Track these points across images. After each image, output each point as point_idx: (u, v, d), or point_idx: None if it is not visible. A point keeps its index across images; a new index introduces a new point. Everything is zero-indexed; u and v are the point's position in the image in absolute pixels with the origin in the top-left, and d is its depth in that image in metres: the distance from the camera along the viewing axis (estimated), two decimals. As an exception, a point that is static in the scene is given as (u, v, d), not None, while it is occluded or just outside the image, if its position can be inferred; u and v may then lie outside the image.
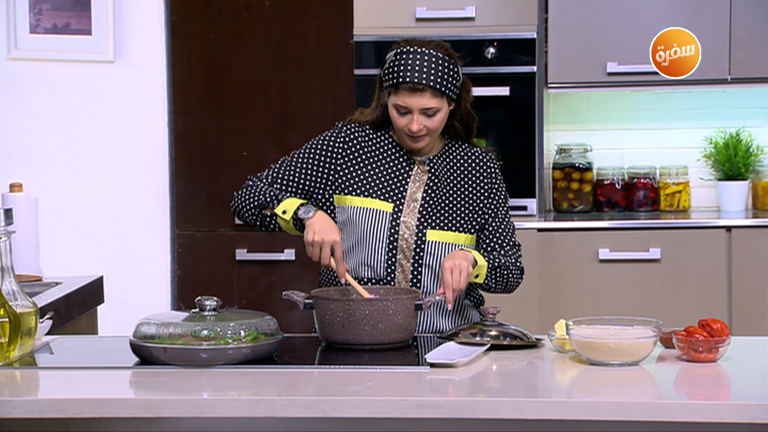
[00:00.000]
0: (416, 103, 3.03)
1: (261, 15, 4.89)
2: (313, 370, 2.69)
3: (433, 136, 3.11)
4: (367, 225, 3.09)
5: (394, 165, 3.14)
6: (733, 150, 4.99)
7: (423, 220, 3.09)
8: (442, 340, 2.85)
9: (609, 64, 4.79)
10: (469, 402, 2.42)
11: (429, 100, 3.03)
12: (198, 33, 4.90)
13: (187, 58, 4.91)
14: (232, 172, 4.92)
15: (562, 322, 2.77)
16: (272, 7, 4.88)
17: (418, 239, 3.08)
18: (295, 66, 4.89)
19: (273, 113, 4.91)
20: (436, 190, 3.13)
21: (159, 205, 4.94)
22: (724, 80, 4.76)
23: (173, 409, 2.41)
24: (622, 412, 2.35)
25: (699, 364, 2.65)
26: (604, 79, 4.80)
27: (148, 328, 2.69)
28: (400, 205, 3.10)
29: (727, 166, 4.99)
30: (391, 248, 3.08)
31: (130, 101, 4.93)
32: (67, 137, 4.93)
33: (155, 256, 4.92)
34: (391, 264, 3.08)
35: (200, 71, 4.92)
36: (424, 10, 4.77)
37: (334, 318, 2.83)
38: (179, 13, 4.90)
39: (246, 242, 4.91)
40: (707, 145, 5.08)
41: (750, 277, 4.64)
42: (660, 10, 4.77)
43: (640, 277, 4.69)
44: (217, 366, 2.64)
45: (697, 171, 5.11)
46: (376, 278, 3.09)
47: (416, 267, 3.08)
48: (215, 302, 2.74)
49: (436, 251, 3.08)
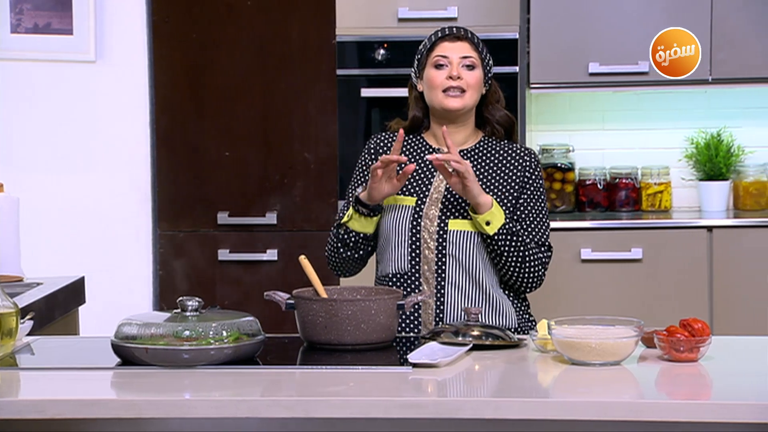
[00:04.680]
0: (456, 50, 3.14)
1: (243, 15, 4.88)
2: (295, 371, 2.69)
3: (471, 97, 3.13)
4: (391, 221, 3.13)
5: (423, 162, 3.18)
6: (714, 150, 5.01)
7: (445, 210, 3.12)
8: (425, 340, 2.86)
9: (591, 65, 4.80)
10: (451, 402, 2.42)
11: (468, 49, 3.14)
12: (180, 33, 4.90)
13: (169, 58, 4.91)
14: (214, 173, 4.91)
15: (544, 322, 2.78)
16: (254, 8, 4.88)
17: (440, 229, 3.10)
18: (278, 66, 4.88)
19: (255, 113, 4.91)
20: None
21: (141, 206, 4.93)
22: (705, 81, 4.78)
23: (155, 410, 2.41)
24: (603, 412, 2.35)
25: (680, 363, 2.66)
26: (586, 80, 4.81)
27: (129, 328, 2.69)
28: (423, 198, 3.13)
29: (708, 166, 5.01)
30: (414, 240, 3.11)
31: (111, 101, 4.92)
32: (49, 137, 4.92)
33: (137, 256, 4.92)
34: (415, 256, 3.11)
35: (182, 71, 4.91)
36: (407, 10, 4.78)
37: (317, 318, 2.82)
38: (161, 13, 4.90)
39: (228, 242, 4.91)
40: (688, 146, 5.10)
41: (731, 277, 4.66)
42: (641, 11, 4.78)
43: (622, 277, 4.70)
44: (199, 366, 2.64)
45: (678, 171, 5.12)
46: (401, 273, 3.11)
47: (440, 258, 3.10)
48: (197, 303, 2.74)
49: (457, 240, 3.10)
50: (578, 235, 4.72)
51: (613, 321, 2.75)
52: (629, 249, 4.68)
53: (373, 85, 4.82)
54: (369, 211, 3.11)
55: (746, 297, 4.65)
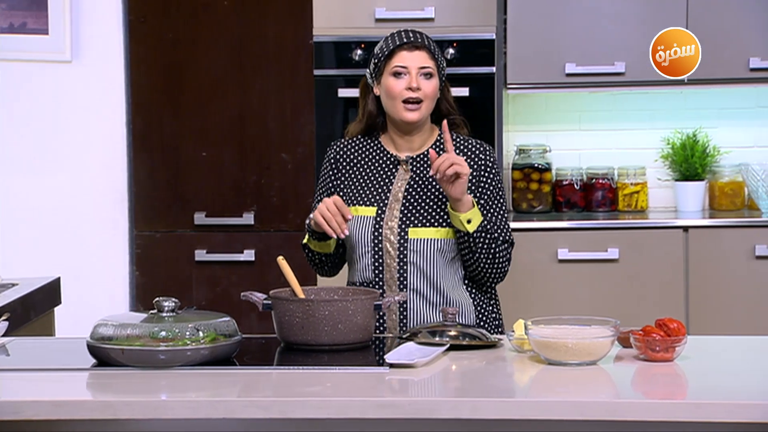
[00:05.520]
0: (415, 61, 3.13)
1: (220, 15, 4.87)
2: (272, 371, 2.69)
3: (427, 108, 3.14)
4: (353, 232, 3.14)
5: (380, 168, 3.20)
6: (690, 151, 5.03)
7: (405, 219, 3.13)
8: (402, 341, 2.86)
9: (567, 65, 4.81)
10: (428, 402, 2.43)
11: (426, 59, 3.14)
12: (156, 33, 4.88)
13: (146, 57, 4.89)
14: (190, 173, 4.90)
15: (521, 322, 2.79)
16: (231, 7, 4.87)
17: (401, 238, 3.12)
18: (255, 66, 4.88)
19: (232, 113, 4.90)
20: (417, 188, 3.16)
21: (117, 206, 4.91)
22: (681, 81, 4.80)
23: (131, 411, 2.40)
24: (580, 412, 2.36)
25: (656, 363, 2.67)
26: (563, 80, 4.82)
27: (105, 329, 2.68)
28: (383, 207, 3.14)
29: (684, 166, 5.03)
30: (377, 250, 3.13)
31: (87, 101, 4.90)
32: (24, 137, 4.89)
33: (113, 256, 4.90)
34: (378, 265, 3.13)
35: (159, 71, 4.89)
36: (384, 10, 4.78)
37: (294, 319, 2.82)
38: (137, 13, 4.88)
39: (205, 243, 4.89)
40: (665, 146, 5.12)
41: (707, 277, 4.68)
42: (618, 11, 4.80)
43: (599, 277, 4.71)
44: (176, 367, 2.63)
45: (654, 172, 5.14)
46: (366, 281, 3.14)
47: (402, 266, 3.12)
48: (173, 303, 2.73)
49: (418, 248, 3.12)
50: (555, 235, 4.74)
51: (590, 321, 2.76)
52: (606, 249, 4.70)
53: (350, 85, 4.82)
54: (321, 236, 3.13)
55: (722, 297, 4.67)
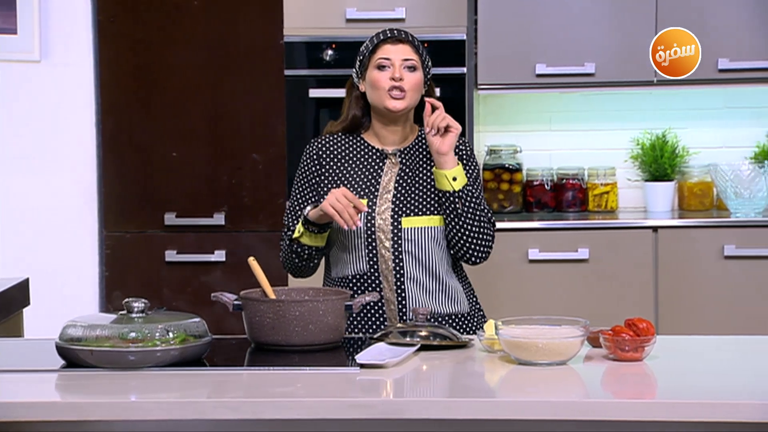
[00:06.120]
0: (398, 53, 3.19)
1: (190, 15, 4.85)
2: (242, 372, 2.68)
3: (411, 98, 3.19)
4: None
5: (367, 162, 3.24)
6: (659, 151, 5.05)
7: (397, 209, 3.18)
8: (373, 341, 2.86)
9: (538, 66, 4.82)
10: (399, 402, 2.43)
11: (410, 52, 3.21)
12: (126, 32, 4.86)
13: (115, 57, 4.87)
14: (161, 173, 4.88)
15: (491, 322, 2.79)
16: (202, 7, 4.85)
17: (394, 228, 3.15)
18: (225, 66, 4.86)
19: (203, 113, 4.88)
20: (407, 178, 3.21)
21: (87, 206, 4.89)
22: (650, 82, 4.82)
23: (100, 412, 2.39)
24: (550, 412, 2.37)
25: (625, 363, 2.68)
26: (533, 81, 4.84)
27: (74, 330, 2.67)
28: (374, 199, 3.18)
29: (653, 167, 5.05)
30: (370, 242, 3.15)
31: (57, 101, 4.87)
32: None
33: (83, 257, 4.87)
34: (372, 256, 3.15)
35: (129, 71, 4.87)
36: (354, 11, 4.78)
37: (264, 319, 2.82)
38: (107, 13, 4.86)
39: (176, 243, 4.88)
40: (634, 147, 5.14)
41: (676, 277, 4.70)
42: (588, 12, 4.82)
43: (569, 277, 4.73)
44: (145, 368, 2.62)
45: (624, 172, 5.16)
46: (360, 273, 3.15)
47: (397, 255, 3.15)
48: (143, 304, 2.73)
49: (412, 237, 3.16)
50: (526, 235, 4.75)
51: (560, 321, 2.77)
52: (576, 249, 4.72)
53: (321, 85, 4.82)
54: (319, 228, 3.14)
55: (691, 297, 4.69)
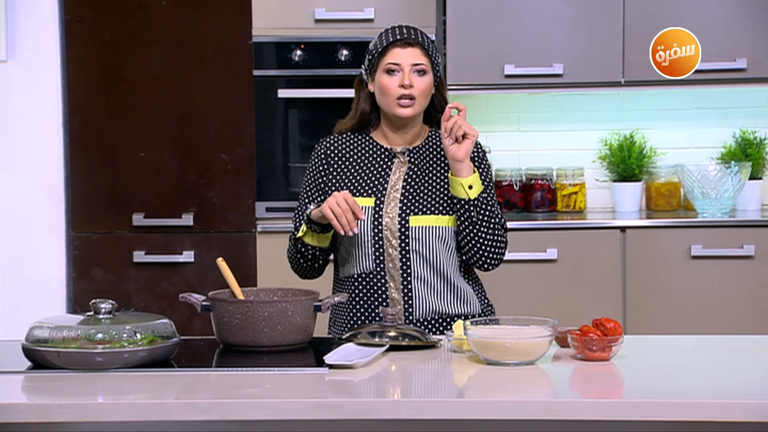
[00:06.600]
0: (408, 58, 3.14)
1: (158, 15, 4.84)
2: (210, 373, 2.67)
3: (421, 104, 3.16)
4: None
5: (375, 161, 3.21)
6: (627, 152, 5.08)
7: (405, 208, 3.15)
8: (341, 342, 2.86)
9: (506, 67, 4.84)
10: (367, 403, 2.43)
11: (420, 56, 3.15)
12: (93, 32, 4.84)
13: (83, 57, 4.84)
14: (129, 173, 4.86)
15: (460, 322, 2.80)
16: (169, 7, 4.84)
17: (401, 227, 3.13)
18: (194, 66, 4.85)
19: (171, 113, 4.86)
20: (416, 178, 3.18)
21: (54, 207, 4.86)
22: (618, 83, 4.84)
23: (67, 414, 2.38)
24: (518, 411, 2.37)
25: (593, 362, 2.70)
26: (502, 81, 4.85)
27: (41, 331, 2.65)
28: (381, 197, 3.15)
29: (621, 167, 5.08)
30: (377, 240, 3.13)
31: (23, 101, 4.84)
32: (-41, 137, 4.83)
33: (50, 258, 4.85)
34: (379, 255, 3.12)
35: (96, 71, 4.85)
36: (323, 11, 4.77)
37: (233, 320, 2.81)
38: (73, 12, 4.83)
39: (144, 244, 4.86)
40: (602, 147, 5.16)
41: (643, 277, 4.72)
42: (556, 13, 4.83)
43: (537, 277, 4.74)
44: (113, 369, 2.61)
45: (592, 172, 5.19)
46: (366, 272, 3.13)
47: (404, 254, 3.12)
48: (110, 305, 2.71)
49: (420, 236, 3.13)
50: (494, 235, 4.75)
51: (528, 321, 2.78)
52: (545, 249, 4.73)
53: (290, 86, 4.81)
54: (321, 228, 3.11)
55: (658, 296, 4.72)
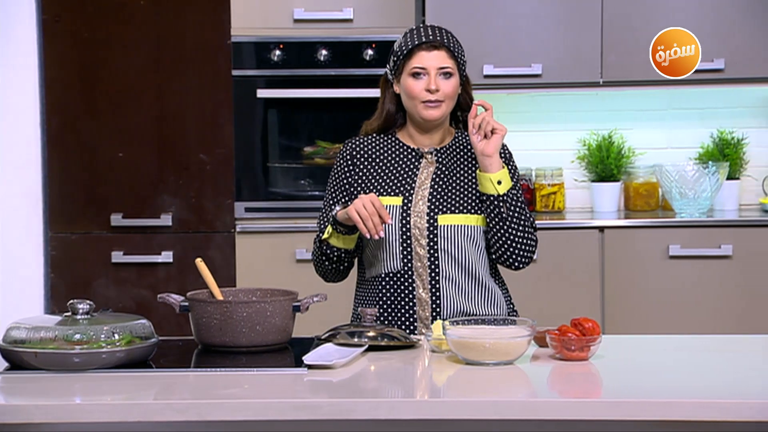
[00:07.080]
0: (434, 61, 3.13)
1: (136, 14, 4.82)
2: (189, 374, 2.67)
3: (448, 106, 3.16)
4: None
5: (402, 162, 3.21)
6: (605, 152, 5.09)
7: (433, 207, 3.14)
8: (320, 342, 2.86)
9: (485, 67, 4.84)
10: (346, 403, 2.42)
11: (446, 59, 3.14)
12: (71, 32, 4.82)
13: (61, 57, 4.83)
14: (107, 173, 4.85)
15: (439, 322, 2.80)
16: (148, 7, 4.82)
17: (429, 225, 3.12)
18: (173, 66, 4.84)
19: (150, 114, 4.85)
20: (444, 177, 3.18)
21: (32, 207, 4.84)
22: (597, 83, 4.85)
23: (45, 415, 2.37)
24: (497, 411, 2.38)
25: (572, 362, 2.70)
26: (481, 82, 4.85)
27: (18, 332, 2.64)
28: (409, 196, 3.15)
29: (600, 167, 5.09)
30: (405, 239, 3.12)
31: (1, 101, 4.82)
32: (-65, 137, 4.81)
33: (28, 258, 4.83)
34: (407, 254, 3.12)
35: (74, 71, 4.83)
36: (302, 11, 4.77)
37: (211, 320, 2.80)
38: (51, 12, 4.81)
39: (122, 245, 4.84)
40: (581, 147, 5.18)
41: (622, 277, 4.74)
42: (534, 13, 4.84)
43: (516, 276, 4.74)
44: (91, 370, 2.60)
45: (571, 173, 5.20)
46: (393, 272, 3.11)
47: (432, 253, 3.12)
48: (88, 305, 2.70)
49: (448, 234, 3.12)
50: (473, 235, 4.76)
51: (507, 321, 2.79)
52: (523, 249, 4.73)
53: (269, 86, 4.81)
54: (347, 230, 3.10)
55: (636, 296, 4.73)
